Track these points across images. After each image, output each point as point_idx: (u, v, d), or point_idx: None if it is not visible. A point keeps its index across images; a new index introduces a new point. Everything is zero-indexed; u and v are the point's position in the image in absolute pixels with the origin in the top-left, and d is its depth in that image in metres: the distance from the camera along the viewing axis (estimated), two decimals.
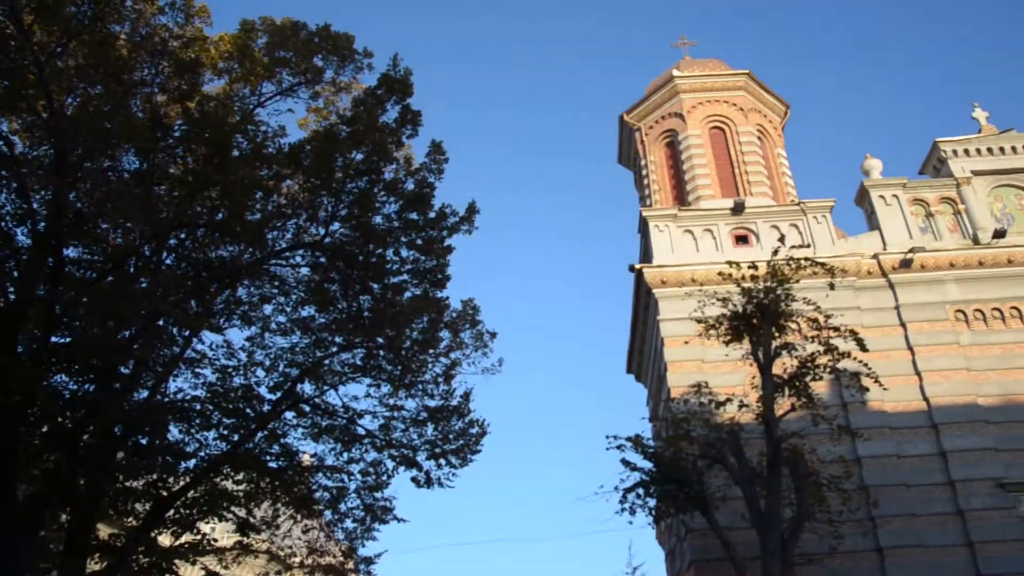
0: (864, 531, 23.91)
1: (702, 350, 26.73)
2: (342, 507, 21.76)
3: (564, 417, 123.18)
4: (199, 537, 19.70)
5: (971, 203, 30.90)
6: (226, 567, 21.87)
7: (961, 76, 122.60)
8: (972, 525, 24.39)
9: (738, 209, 30.56)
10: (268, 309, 20.74)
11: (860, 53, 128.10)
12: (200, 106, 18.17)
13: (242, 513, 20.55)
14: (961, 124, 75.88)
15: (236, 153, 18.61)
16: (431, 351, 21.10)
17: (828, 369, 21.19)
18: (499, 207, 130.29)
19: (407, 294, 20.56)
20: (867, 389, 22.03)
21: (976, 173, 31.67)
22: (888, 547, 23.93)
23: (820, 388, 24.03)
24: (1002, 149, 32.19)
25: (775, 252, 22.26)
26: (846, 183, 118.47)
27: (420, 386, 21.28)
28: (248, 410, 19.42)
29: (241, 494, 20.33)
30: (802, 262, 21.69)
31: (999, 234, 29.56)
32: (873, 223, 31.10)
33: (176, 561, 19.16)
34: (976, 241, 29.90)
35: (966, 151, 32.25)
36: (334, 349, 21.02)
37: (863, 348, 20.97)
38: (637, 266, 29.82)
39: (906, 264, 29.17)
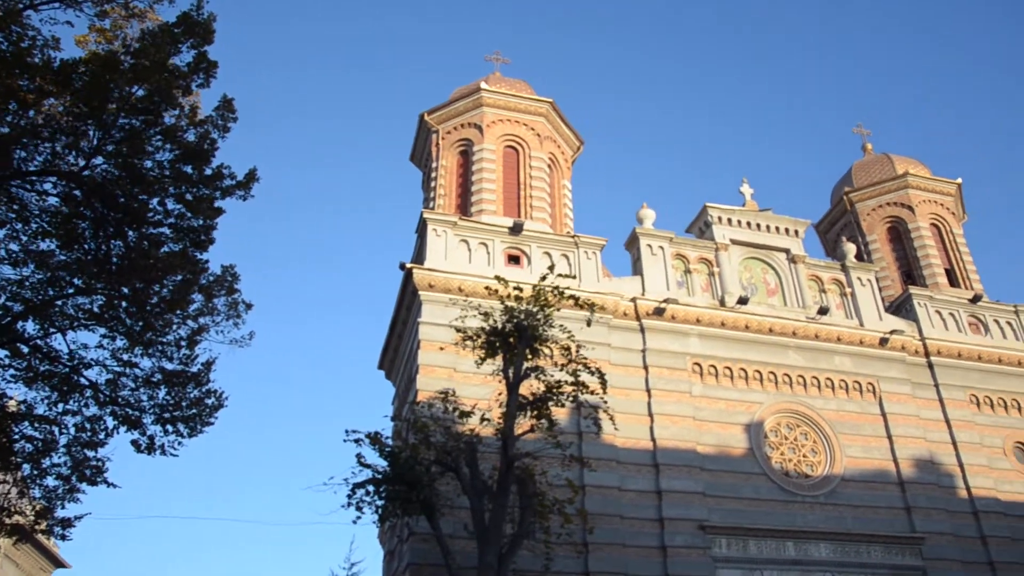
0: (577, 554, 25.09)
1: (456, 359, 27.13)
2: (45, 462, 19.88)
3: (310, 403, 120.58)
4: None
5: (724, 268, 33.65)
6: None
7: (734, 153, 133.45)
8: (672, 560, 26.38)
9: (516, 230, 31.37)
10: (0, 234, 18.63)
11: (659, 111, 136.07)
12: None
13: None
14: (730, 195, 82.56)
15: None
16: (179, 312, 19.84)
17: (571, 398, 22.13)
18: (281, 186, 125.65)
19: (164, 248, 19.20)
20: (601, 426, 23.24)
21: (734, 242, 34.58)
22: (596, 572, 25.26)
23: (560, 414, 25.08)
24: (759, 225, 35.37)
25: (543, 278, 22.99)
26: (621, 226, 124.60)
27: (160, 346, 19.92)
28: None
29: None
30: (565, 292, 22.57)
31: (742, 301, 32.41)
32: (637, 268, 33.03)
33: None
34: (723, 303, 32.54)
35: (729, 220, 35.14)
36: (71, 291, 19.12)
37: (604, 385, 22.15)
38: (408, 265, 29.74)
39: (659, 312, 31.20)
